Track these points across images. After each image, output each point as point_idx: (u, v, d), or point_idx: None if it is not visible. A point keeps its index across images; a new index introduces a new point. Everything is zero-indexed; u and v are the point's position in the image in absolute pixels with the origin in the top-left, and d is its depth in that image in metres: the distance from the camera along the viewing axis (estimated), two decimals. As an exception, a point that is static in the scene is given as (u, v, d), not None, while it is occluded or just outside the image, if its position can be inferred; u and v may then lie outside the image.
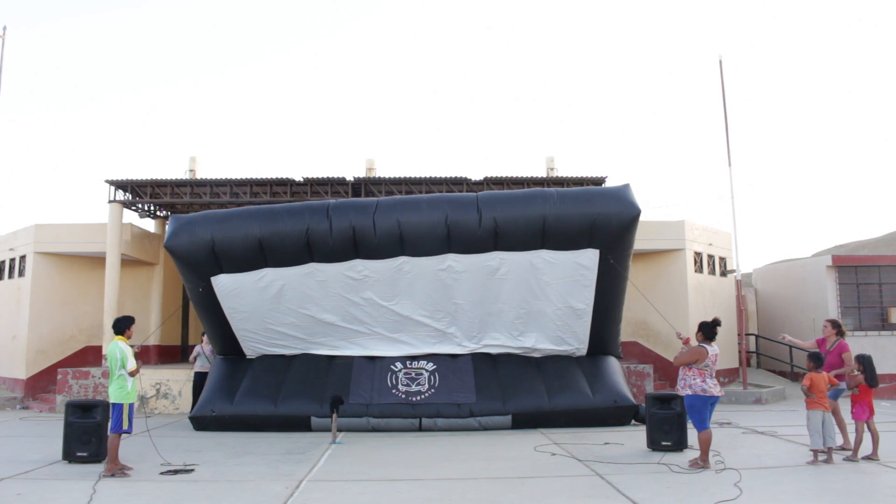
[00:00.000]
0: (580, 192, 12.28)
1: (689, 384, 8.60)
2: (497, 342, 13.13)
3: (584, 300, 12.47)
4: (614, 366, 13.15)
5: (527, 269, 12.33)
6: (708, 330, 8.70)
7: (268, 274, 12.47)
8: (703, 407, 8.54)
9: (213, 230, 12.21)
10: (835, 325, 9.88)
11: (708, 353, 8.54)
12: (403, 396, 12.35)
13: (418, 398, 12.33)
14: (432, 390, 12.42)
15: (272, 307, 12.75)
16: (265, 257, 12.34)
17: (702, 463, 8.45)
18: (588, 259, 12.11)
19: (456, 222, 11.99)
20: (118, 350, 8.65)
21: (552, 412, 12.11)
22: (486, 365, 12.85)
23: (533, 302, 12.63)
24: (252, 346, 13.36)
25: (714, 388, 8.54)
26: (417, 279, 12.51)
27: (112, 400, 8.65)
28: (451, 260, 12.31)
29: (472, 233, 12.02)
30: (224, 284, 12.54)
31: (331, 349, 13.32)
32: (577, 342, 13.01)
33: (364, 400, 12.27)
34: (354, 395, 12.33)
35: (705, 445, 8.50)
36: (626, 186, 12.31)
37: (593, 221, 11.83)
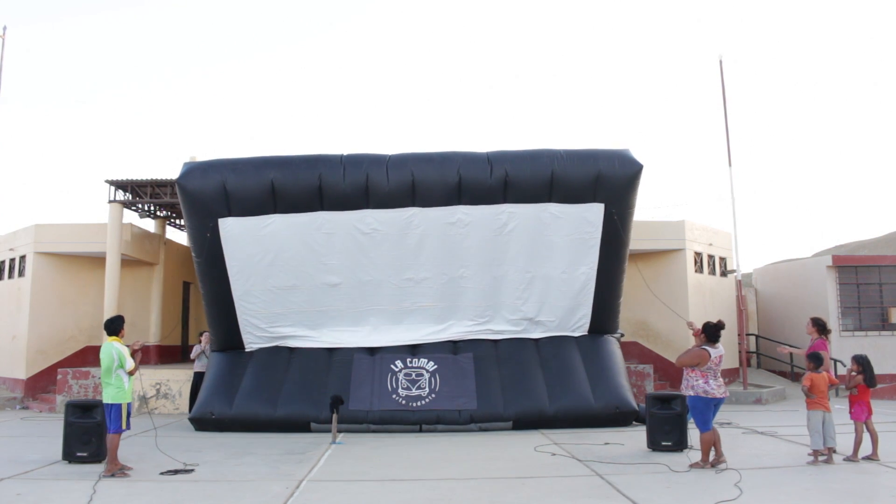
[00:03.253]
0: (586, 151, 12.89)
1: (691, 385, 8.55)
2: (501, 315, 13.06)
3: (589, 263, 12.79)
4: (618, 364, 12.94)
5: (534, 224, 12.69)
6: (711, 332, 8.61)
7: (275, 221, 12.57)
8: (705, 409, 8.46)
9: (227, 170, 12.59)
10: (815, 323, 9.78)
11: (710, 356, 8.47)
12: (404, 402, 12.20)
13: (419, 404, 12.17)
14: (433, 395, 12.27)
15: (274, 260, 12.65)
16: (275, 201, 12.52)
17: (702, 463, 8.43)
18: (594, 214, 12.64)
19: (468, 171, 12.55)
20: (114, 350, 8.56)
21: (553, 417, 12.04)
22: (488, 364, 12.67)
23: (539, 265, 12.84)
24: (250, 322, 13.01)
25: (717, 389, 8.45)
26: (426, 236, 12.69)
27: (110, 401, 8.56)
28: (461, 212, 12.66)
29: (483, 182, 12.54)
30: (230, 229, 12.57)
31: (332, 325, 13.07)
32: (580, 314, 13.05)
33: (364, 406, 12.12)
34: (354, 399, 12.16)
35: (706, 447, 8.47)
36: (627, 150, 12.97)
37: (598, 174, 12.54)
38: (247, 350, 13.32)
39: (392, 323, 13.15)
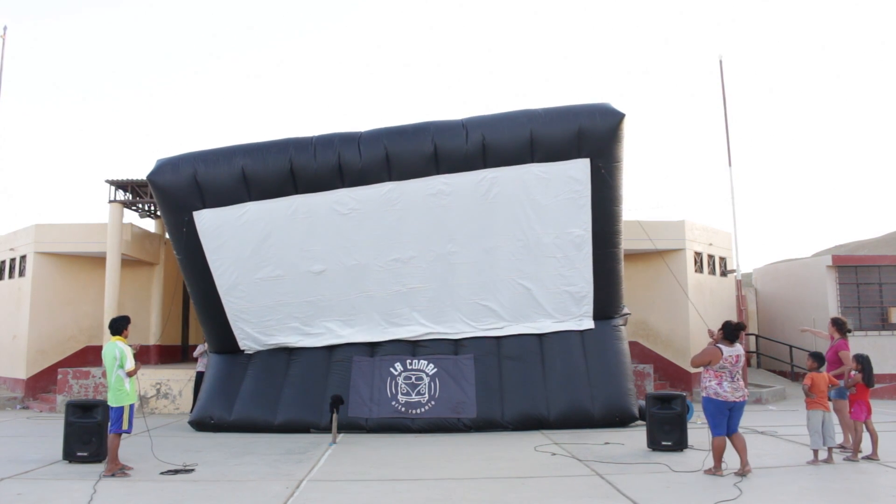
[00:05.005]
0: (564, 107, 12.36)
1: (705, 386, 8.25)
2: (498, 292, 12.50)
3: (582, 224, 12.27)
4: (623, 364, 12.51)
5: (519, 187, 12.21)
6: (729, 331, 8.27)
7: (250, 209, 12.36)
8: (716, 412, 8.10)
9: (197, 162, 12.41)
10: (835, 323, 9.93)
11: (723, 354, 8.11)
12: (403, 409, 12.06)
13: (418, 411, 12.03)
14: (432, 402, 12.10)
15: (254, 250, 12.42)
16: (248, 188, 12.31)
17: (714, 471, 8.04)
18: (579, 170, 12.10)
19: (443, 139, 12.12)
20: (117, 350, 8.57)
21: (552, 425, 11.90)
22: (489, 367, 12.37)
23: (530, 232, 12.32)
24: (240, 318, 12.76)
25: (732, 392, 8.07)
26: (407, 210, 12.28)
27: (111, 403, 8.56)
28: (441, 182, 12.20)
29: (460, 148, 12.09)
30: (206, 222, 12.39)
31: (323, 317, 12.67)
32: (580, 285, 12.45)
33: (363, 413, 12.01)
34: (353, 404, 12.02)
35: (717, 452, 8.07)
36: (607, 102, 12.48)
37: (580, 129, 12.01)
38: (243, 351, 13.12)
39: (385, 310, 12.70)
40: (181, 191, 12.36)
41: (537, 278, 12.53)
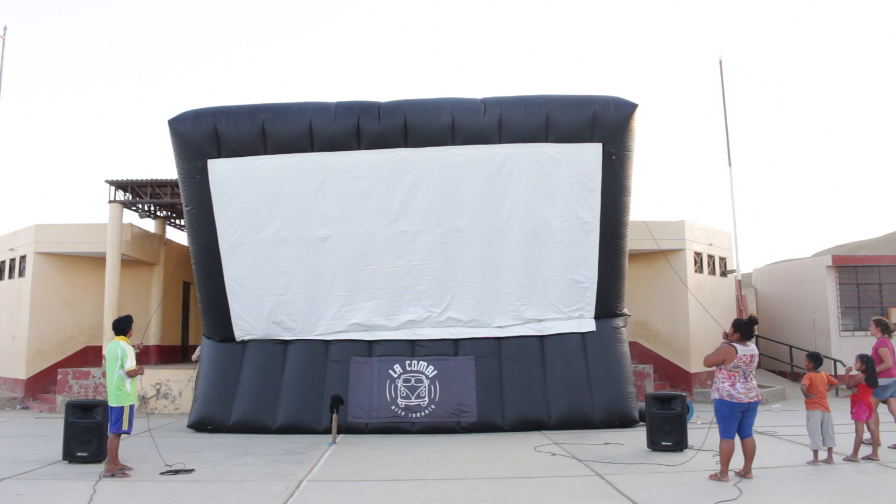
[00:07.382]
0: (579, 96, 12.86)
1: (717, 387, 7.92)
2: (501, 278, 12.44)
3: (591, 209, 12.52)
4: (624, 367, 12.49)
5: (532, 167, 12.51)
6: (743, 328, 7.92)
7: (264, 162, 12.58)
8: (729, 414, 7.78)
9: (219, 115, 12.69)
10: (878, 323, 10.05)
11: (737, 353, 7.77)
12: (403, 413, 12.00)
13: (418, 415, 11.98)
14: (432, 406, 12.04)
15: (262, 207, 12.48)
16: (266, 142, 12.58)
17: (720, 476, 7.75)
18: (592, 154, 12.51)
19: (461, 113, 12.54)
20: (119, 349, 8.56)
21: (552, 429, 11.87)
22: (490, 369, 12.26)
23: (539, 214, 12.50)
24: (238, 283, 12.54)
25: (745, 393, 7.74)
26: (420, 179, 12.50)
27: (112, 403, 8.55)
28: (456, 153, 12.52)
29: (477, 121, 12.52)
30: (220, 171, 12.57)
31: (323, 289, 12.46)
32: (585, 274, 12.45)
33: (363, 417, 11.94)
34: (353, 408, 11.93)
35: (724, 456, 7.74)
36: (620, 96, 12.94)
37: (594, 115, 12.54)
38: (237, 336, 12.72)
39: (388, 287, 12.52)
40: (199, 139, 12.61)
41: (543, 265, 12.56)
